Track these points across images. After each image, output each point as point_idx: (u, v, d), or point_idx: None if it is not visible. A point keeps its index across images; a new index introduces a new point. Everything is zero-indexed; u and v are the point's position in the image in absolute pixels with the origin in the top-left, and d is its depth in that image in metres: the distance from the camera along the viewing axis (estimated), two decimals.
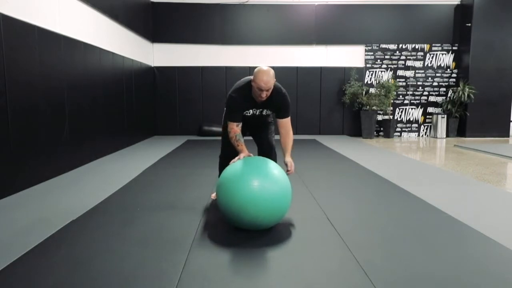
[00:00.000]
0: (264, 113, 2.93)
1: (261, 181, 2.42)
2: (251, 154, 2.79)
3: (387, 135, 9.35)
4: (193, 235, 2.50)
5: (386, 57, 9.52)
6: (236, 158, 2.72)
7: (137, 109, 7.74)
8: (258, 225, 2.49)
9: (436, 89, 9.65)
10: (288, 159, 2.88)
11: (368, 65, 9.54)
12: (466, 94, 8.91)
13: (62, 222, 2.76)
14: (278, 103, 2.85)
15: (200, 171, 4.74)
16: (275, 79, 2.71)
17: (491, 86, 9.07)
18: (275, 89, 2.80)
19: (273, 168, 2.58)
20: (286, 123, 2.93)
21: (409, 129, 9.76)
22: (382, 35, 9.43)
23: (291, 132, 2.95)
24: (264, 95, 2.66)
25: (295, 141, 3.44)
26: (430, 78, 9.61)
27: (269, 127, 3.16)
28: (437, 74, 9.60)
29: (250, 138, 3.19)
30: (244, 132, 2.99)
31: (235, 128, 2.83)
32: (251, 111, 2.87)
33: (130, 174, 4.52)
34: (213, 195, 3.34)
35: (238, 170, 2.52)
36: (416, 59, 9.55)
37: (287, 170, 2.84)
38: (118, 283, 1.86)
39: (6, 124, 3.52)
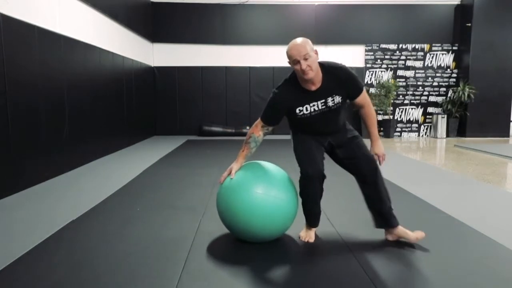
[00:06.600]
0: (330, 103, 2.24)
1: (264, 190, 2.21)
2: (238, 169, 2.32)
3: (387, 135, 9.34)
4: (193, 235, 2.50)
5: (386, 57, 9.52)
6: (226, 172, 2.34)
7: (137, 109, 7.74)
8: (261, 238, 2.33)
9: (436, 89, 9.65)
10: (377, 149, 2.34)
11: (368, 65, 9.54)
12: (466, 94, 8.91)
13: (62, 222, 2.76)
14: (338, 79, 2.24)
15: (200, 171, 4.73)
16: (315, 50, 2.17)
17: (491, 86, 9.07)
18: (327, 65, 2.26)
19: (274, 173, 2.34)
20: (362, 100, 2.31)
21: (409, 129, 9.75)
22: (382, 35, 9.43)
23: (371, 109, 2.34)
24: (305, 66, 2.08)
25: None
26: (430, 78, 9.61)
27: (351, 133, 2.42)
28: (437, 74, 9.60)
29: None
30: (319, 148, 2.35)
31: (257, 129, 2.33)
32: (309, 106, 2.23)
33: (130, 174, 4.51)
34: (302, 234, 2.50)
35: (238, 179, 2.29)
36: (416, 59, 9.54)
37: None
38: (118, 283, 1.86)
39: (6, 124, 3.52)
